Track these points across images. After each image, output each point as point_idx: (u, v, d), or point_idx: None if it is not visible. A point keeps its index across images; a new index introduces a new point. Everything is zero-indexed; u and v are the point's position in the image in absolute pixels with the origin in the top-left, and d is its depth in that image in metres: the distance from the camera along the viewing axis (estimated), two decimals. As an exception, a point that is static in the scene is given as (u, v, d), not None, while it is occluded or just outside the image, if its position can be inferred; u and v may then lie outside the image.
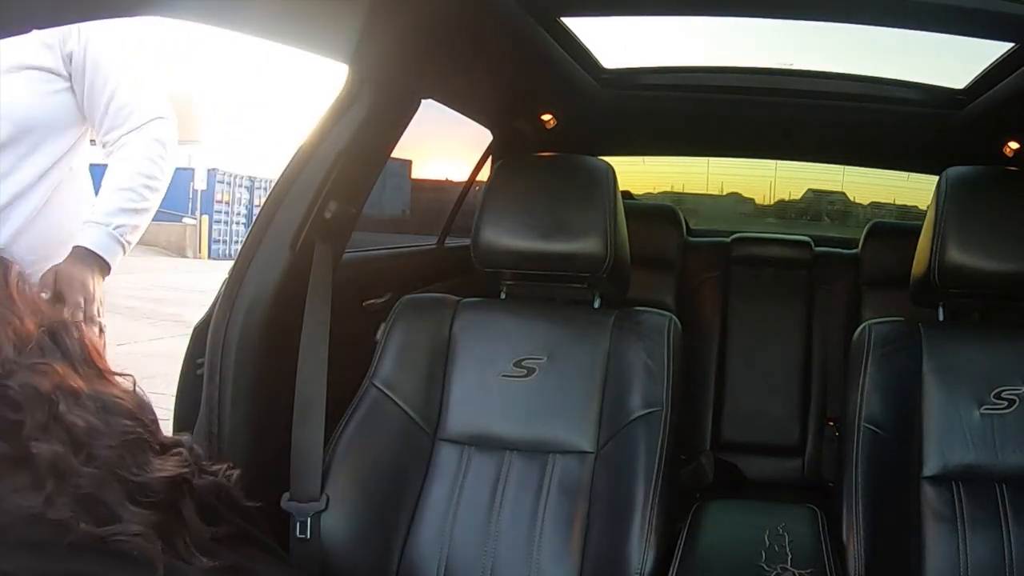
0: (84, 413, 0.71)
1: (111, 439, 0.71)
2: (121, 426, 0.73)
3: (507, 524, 1.32)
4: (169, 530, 0.72)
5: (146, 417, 0.76)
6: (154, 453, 0.75)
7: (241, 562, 0.77)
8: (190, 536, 0.73)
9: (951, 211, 1.37)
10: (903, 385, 1.33)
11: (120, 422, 0.73)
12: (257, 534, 0.82)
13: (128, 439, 0.73)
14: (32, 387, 0.69)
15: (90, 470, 0.69)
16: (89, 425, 0.71)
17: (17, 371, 0.70)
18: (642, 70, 2.22)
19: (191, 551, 0.72)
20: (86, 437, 0.70)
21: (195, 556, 0.72)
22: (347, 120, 1.46)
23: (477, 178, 2.36)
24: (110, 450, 0.71)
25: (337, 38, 1.31)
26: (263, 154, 14.61)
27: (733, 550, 1.25)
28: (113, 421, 0.73)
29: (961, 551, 1.25)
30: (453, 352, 1.40)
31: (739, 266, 2.52)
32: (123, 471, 0.71)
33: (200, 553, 0.73)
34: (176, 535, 0.73)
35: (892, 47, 2.01)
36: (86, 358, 0.76)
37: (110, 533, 0.68)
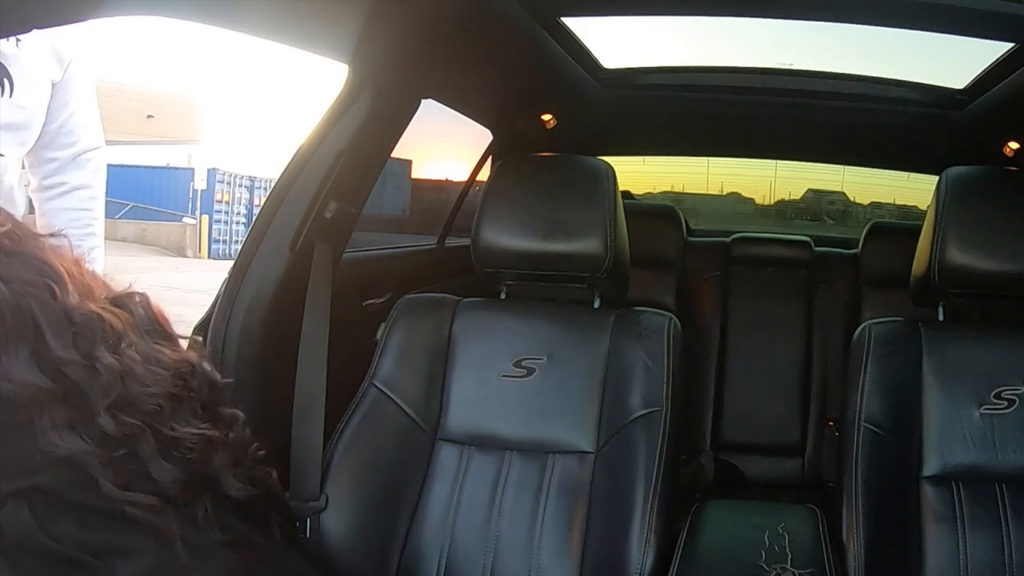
0: (131, 362, 0.73)
1: (154, 388, 0.73)
2: (167, 381, 0.74)
3: (507, 524, 1.32)
4: (193, 493, 0.73)
5: (198, 381, 0.78)
6: (196, 416, 0.76)
7: (255, 539, 0.78)
8: (211, 506, 0.74)
9: (951, 211, 1.37)
10: (903, 385, 1.33)
11: (167, 377, 0.75)
12: (283, 523, 0.84)
13: (171, 393, 0.74)
14: (89, 318, 0.72)
15: (127, 419, 0.70)
16: (133, 371, 0.72)
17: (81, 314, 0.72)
18: (642, 70, 2.22)
19: (210, 521, 0.73)
20: (129, 382, 0.72)
21: (212, 528, 0.73)
22: (347, 120, 1.46)
23: (477, 178, 2.36)
24: (150, 399, 0.72)
25: (337, 38, 1.31)
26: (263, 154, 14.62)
27: (733, 550, 1.25)
28: (160, 375, 0.74)
29: (961, 551, 1.25)
30: (453, 352, 1.40)
31: (739, 266, 2.53)
32: (160, 424, 0.72)
33: (218, 526, 0.74)
34: (199, 501, 0.74)
35: (892, 47, 2.01)
36: (154, 324, 0.79)
37: (127, 500, 0.69)
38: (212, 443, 0.76)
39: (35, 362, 0.69)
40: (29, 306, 0.70)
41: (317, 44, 1.32)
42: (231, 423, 0.82)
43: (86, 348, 0.71)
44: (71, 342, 0.71)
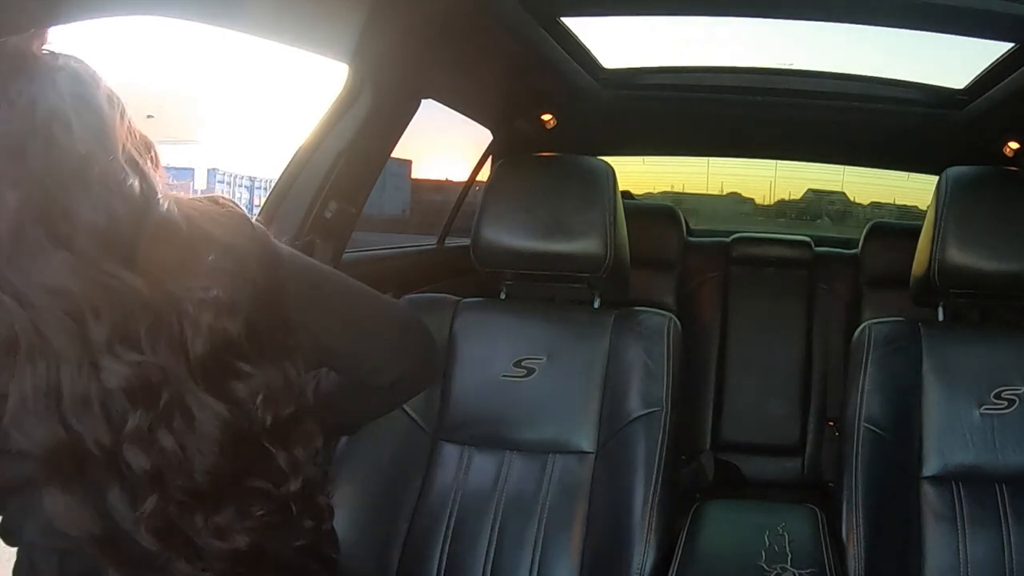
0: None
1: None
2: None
3: (507, 524, 1.32)
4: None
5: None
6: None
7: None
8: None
9: (951, 211, 1.37)
10: (903, 385, 1.33)
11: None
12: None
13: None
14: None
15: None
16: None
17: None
18: (642, 70, 2.22)
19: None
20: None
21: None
22: (347, 120, 1.46)
23: (477, 178, 2.36)
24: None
25: (337, 38, 1.31)
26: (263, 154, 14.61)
27: (733, 550, 1.24)
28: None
29: (961, 551, 1.25)
30: (453, 352, 1.40)
31: (739, 266, 2.52)
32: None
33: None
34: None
35: (892, 47, 2.01)
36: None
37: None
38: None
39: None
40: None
41: (317, 44, 1.32)
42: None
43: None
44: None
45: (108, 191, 0.81)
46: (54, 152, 0.80)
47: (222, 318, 0.84)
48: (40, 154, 0.79)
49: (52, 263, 0.79)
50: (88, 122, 0.82)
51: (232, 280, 0.86)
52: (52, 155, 0.80)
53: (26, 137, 0.79)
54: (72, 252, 0.79)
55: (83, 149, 0.81)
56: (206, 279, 0.85)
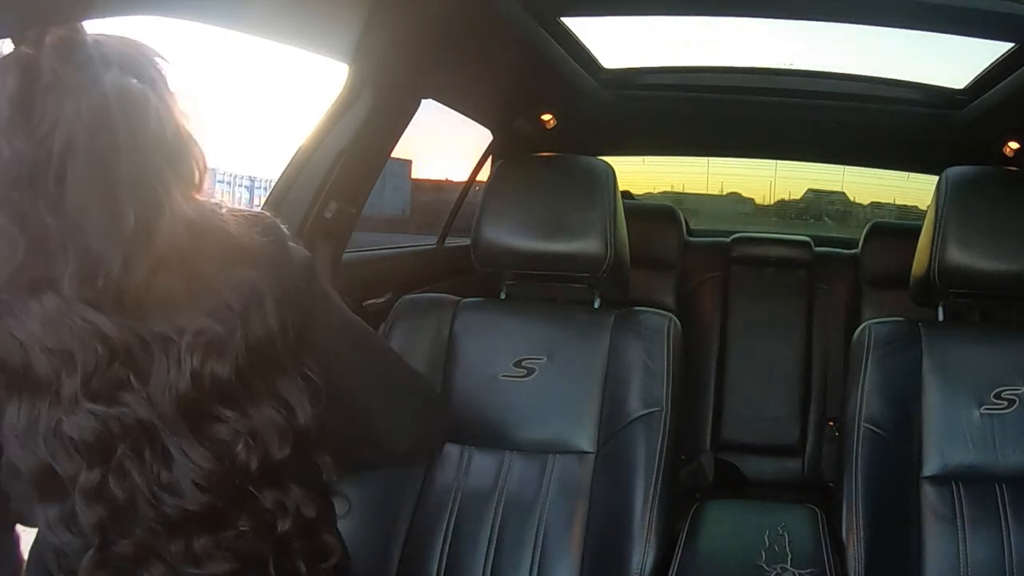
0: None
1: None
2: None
3: (507, 524, 1.32)
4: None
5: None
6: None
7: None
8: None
9: (951, 211, 1.37)
10: (903, 385, 1.33)
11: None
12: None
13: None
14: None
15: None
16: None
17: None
18: (642, 70, 2.22)
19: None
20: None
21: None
22: (347, 120, 1.46)
23: (477, 178, 2.36)
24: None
25: (337, 38, 1.31)
26: (263, 154, 14.60)
27: (733, 550, 1.24)
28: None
29: (961, 551, 1.25)
30: (453, 352, 1.40)
31: (739, 266, 2.52)
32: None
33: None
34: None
35: (892, 47, 2.01)
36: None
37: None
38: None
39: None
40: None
41: (317, 44, 1.32)
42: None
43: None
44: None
45: (112, 223, 0.80)
46: (63, 185, 0.80)
47: (210, 362, 0.82)
48: (52, 186, 0.80)
49: (41, 305, 0.79)
50: (101, 149, 0.81)
51: (239, 317, 0.84)
52: (62, 188, 0.80)
53: (39, 167, 0.79)
54: (58, 294, 0.79)
55: (91, 187, 0.80)
56: (204, 317, 0.83)
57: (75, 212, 0.80)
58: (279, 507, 0.87)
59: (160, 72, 0.88)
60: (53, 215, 0.80)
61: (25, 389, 0.80)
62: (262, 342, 0.85)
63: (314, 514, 0.90)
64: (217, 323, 0.83)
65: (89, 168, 0.80)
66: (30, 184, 0.80)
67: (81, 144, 0.80)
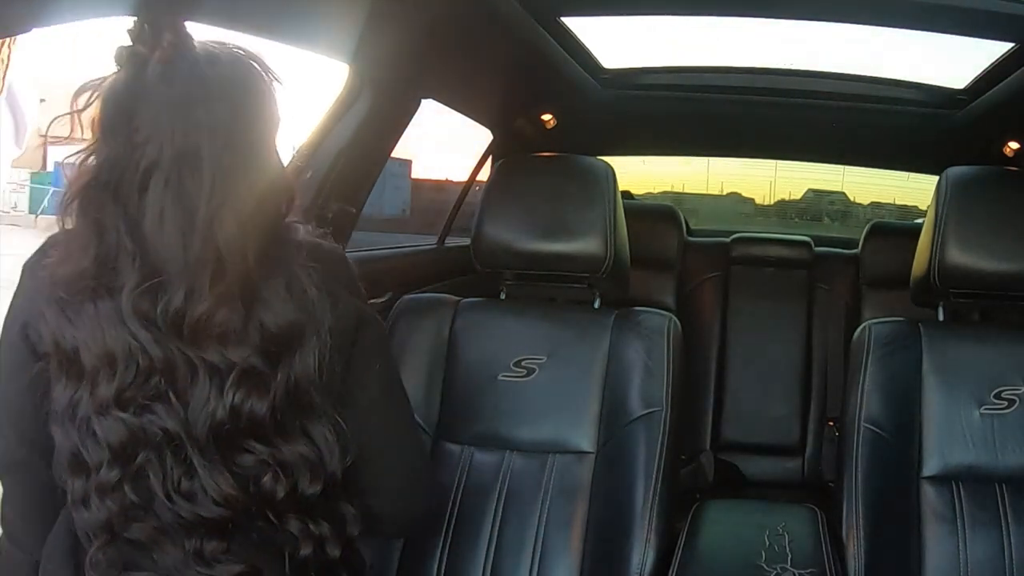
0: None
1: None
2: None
3: (507, 524, 1.32)
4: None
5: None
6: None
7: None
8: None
9: (951, 211, 1.37)
10: (903, 385, 1.33)
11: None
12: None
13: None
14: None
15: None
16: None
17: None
18: (642, 70, 2.22)
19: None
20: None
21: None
22: (347, 120, 1.46)
23: (477, 178, 2.35)
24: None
25: (337, 38, 1.31)
26: (263, 154, 14.55)
27: (733, 550, 1.24)
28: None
29: (961, 551, 1.25)
30: (453, 352, 1.40)
31: (739, 266, 2.52)
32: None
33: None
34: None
35: (892, 47, 2.00)
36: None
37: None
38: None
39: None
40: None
41: (317, 44, 1.32)
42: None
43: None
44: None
45: (183, 251, 0.82)
46: (144, 199, 0.82)
47: (251, 399, 0.83)
48: (134, 198, 0.82)
49: (95, 309, 0.82)
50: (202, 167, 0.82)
51: (284, 358, 0.85)
52: (143, 203, 0.82)
53: (126, 175, 0.81)
54: (115, 303, 0.81)
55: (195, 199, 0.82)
56: (255, 355, 0.84)
57: (150, 230, 0.81)
58: (304, 533, 0.87)
59: (271, 94, 0.88)
60: (128, 228, 0.81)
61: (72, 375, 0.82)
62: (300, 385, 0.86)
63: (337, 555, 0.90)
64: (265, 362, 0.84)
65: (170, 191, 0.81)
66: (115, 191, 0.82)
67: (167, 166, 0.81)
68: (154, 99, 0.81)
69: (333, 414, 0.89)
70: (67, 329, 0.82)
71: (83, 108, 0.83)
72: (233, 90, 0.85)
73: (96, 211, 0.82)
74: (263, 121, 0.87)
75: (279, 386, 0.85)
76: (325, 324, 0.88)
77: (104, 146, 0.82)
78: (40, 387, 0.85)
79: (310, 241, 0.92)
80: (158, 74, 0.82)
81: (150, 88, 0.82)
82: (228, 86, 0.85)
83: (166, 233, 0.81)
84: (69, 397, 0.83)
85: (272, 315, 0.85)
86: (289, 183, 0.92)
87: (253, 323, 0.84)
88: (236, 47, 0.88)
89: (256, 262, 0.84)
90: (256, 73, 0.87)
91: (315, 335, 0.87)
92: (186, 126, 0.81)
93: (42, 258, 0.87)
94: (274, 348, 0.85)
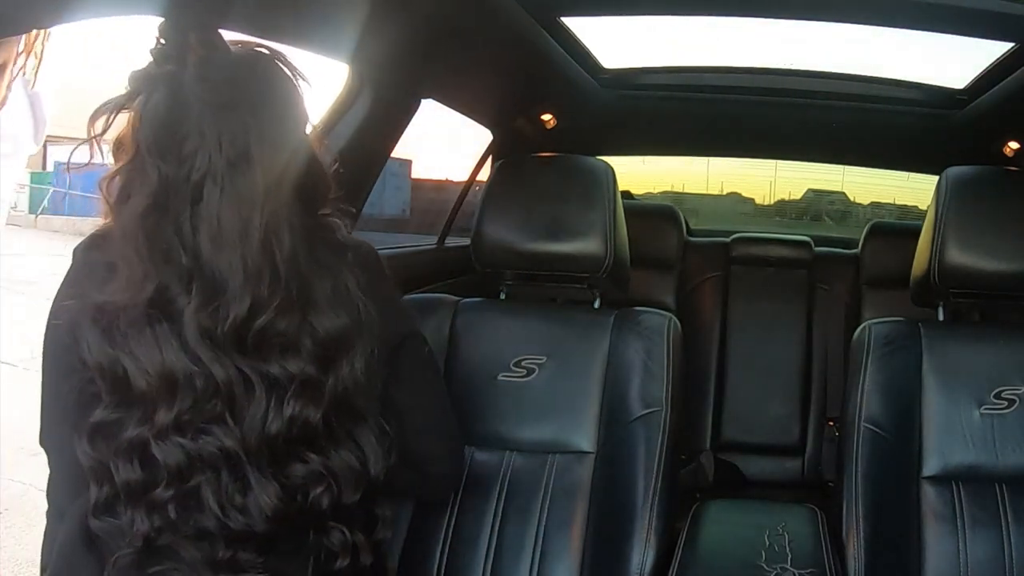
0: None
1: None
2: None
3: (507, 524, 1.32)
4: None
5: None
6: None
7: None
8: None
9: (951, 211, 1.37)
10: (903, 385, 1.33)
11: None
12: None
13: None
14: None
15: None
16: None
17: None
18: (642, 70, 2.22)
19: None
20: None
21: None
22: (347, 120, 1.46)
23: (477, 178, 2.35)
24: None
25: (337, 38, 1.31)
26: (263, 154, 14.53)
27: (733, 550, 1.25)
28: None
29: (961, 551, 1.25)
30: (453, 352, 1.40)
31: (739, 266, 2.52)
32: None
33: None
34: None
35: (892, 47, 2.00)
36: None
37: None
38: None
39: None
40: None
41: (317, 44, 1.32)
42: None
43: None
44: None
45: (244, 261, 0.81)
46: (199, 212, 0.81)
47: (308, 408, 0.83)
48: (187, 212, 0.81)
49: (154, 333, 0.81)
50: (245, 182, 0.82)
51: (334, 364, 0.85)
52: (197, 216, 0.81)
53: (177, 189, 0.81)
54: (174, 325, 0.80)
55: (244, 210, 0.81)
56: (309, 363, 0.84)
57: (206, 243, 0.81)
58: (344, 546, 0.88)
59: (300, 92, 0.88)
60: (185, 246, 0.80)
61: (118, 398, 0.81)
62: (348, 391, 0.86)
63: (370, 563, 0.91)
64: (319, 370, 0.84)
65: (225, 198, 0.80)
66: (166, 209, 0.80)
67: (220, 173, 0.80)
68: (196, 109, 0.81)
69: (378, 417, 0.90)
70: (118, 355, 0.80)
71: (102, 132, 0.83)
72: (271, 91, 0.85)
73: (154, 237, 0.80)
74: (298, 120, 0.88)
75: (330, 393, 0.85)
76: (372, 327, 0.88)
77: (152, 169, 0.81)
78: (83, 386, 0.84)
79: (349, 240, 0.92)
80: (197, 83, 0.81)
81: (191, 99, 0.81)
82: (266, 88, 0.85)
83: (224, 243, 0.80)
84: (113, 419, 0.81)
85: (323, 320, 0.85)
86: (328, 180, 0.92)
87: (305, 329, 0.83)
88: (260, 47, 0.89)
89: (306, 266, 0.83)
90: (285, 73, 0.88)
91: (361, 339, 0.87)
92: (234, 130, 0.81)
93: (92, 252, 0.86)
94: (326, 354, 0.84)
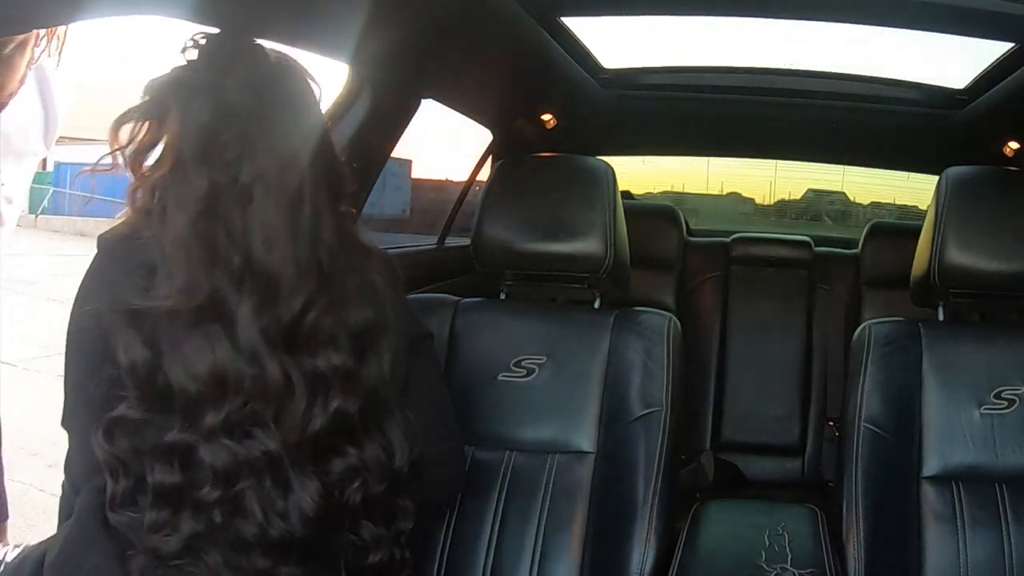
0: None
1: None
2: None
3: (507, 524, 1.32)
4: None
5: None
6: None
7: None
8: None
9: (951, 211, 1.37)
10: (903, 385, 1.33)
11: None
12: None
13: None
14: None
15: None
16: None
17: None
18: (642, 70, 2.22)
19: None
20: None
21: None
22: (347, 120, 1.46)
23: (477, 178, 2.35)
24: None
25: (337, 38, 1.31)
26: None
27: (733, 550, 1.25)
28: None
29: (961, 551, 1.25)
30: (453, 352, 1.40)
31: (739, 266, 2.52)
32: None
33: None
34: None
35: (892, 47, 2.01)
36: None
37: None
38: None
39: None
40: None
41: (317, 44, 1.31)
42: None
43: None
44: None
45: (297, 258, 0.83)
46: (248, 214, 0.83)
47: (348, 400, 0.85)
48: (238, 210, 0.82)
49: (205, 337, 0.81)
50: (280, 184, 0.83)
51: (365, 356, 0.87)
52: (246, 218, 0.82)
53: (225, 192, 0.82)
54: (226, 327, 0.81)
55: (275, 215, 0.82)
56: (349, 356, 0.85)
57: (258, 245, 0.81)
58: (375, 540, 0.90)
59: (315, 97, 0.91)
60: (237, 250, 0.81)
61: (147, 400, 0.81)
62: (378, 382, 0.88)
63: (399, 556, 0.93)
64: (357, 362, 0.86)
65: (274, 200, 0.82)
66: (216, 214, 0.81)
67: (270, 176, 0.81)
68: (242, 115, 0.82)
69: (404, 410, 0.92)
70: (160, 360, 0.81)
71: (127, 144, 0.83)
72: (304, 94, 0.88)
73: (206, 242, 0.81)
74: (321, 118, 0.90)
75: (364, 385, 0.87)
76: (395, 322, 0.90)
77: (198, 176, 0.82)
78: (110, 385, 0.84)
79: (368, 240, 0.94)
80: (241, 90, 0.83)
81: (236, 106, 0.83)
82: (298, 91, 0.88)
83: (276, 242, 0.81)
84: (138, 418, 0.81)
85: (354, 314, 0.87)
86: (347, 173, 0.93)
87: (341, 324, 0.85)
88: (274, 50, 0.90)
89: (341, 261, 0.86)
90: (303, 76, 0.90)
91: (386, 333, 0.89)
92: (283, 134, 0.82)
93: (122, 250, 0.86)
94: (358, 347, 0.86)
